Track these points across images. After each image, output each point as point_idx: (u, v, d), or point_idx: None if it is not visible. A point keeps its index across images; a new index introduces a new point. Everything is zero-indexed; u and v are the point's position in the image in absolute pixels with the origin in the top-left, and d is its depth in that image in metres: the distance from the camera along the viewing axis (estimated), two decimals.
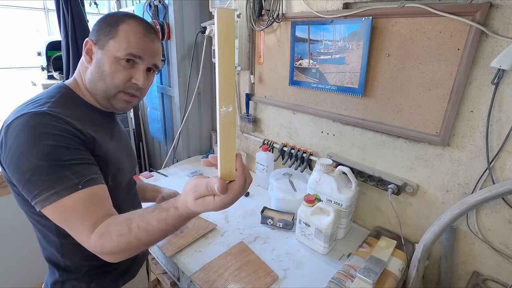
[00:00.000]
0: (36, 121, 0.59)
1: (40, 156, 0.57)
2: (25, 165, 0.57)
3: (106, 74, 0.71)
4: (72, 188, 0.58)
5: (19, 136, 0.58)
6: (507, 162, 0.89)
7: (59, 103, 0.67)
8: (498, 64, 0.81)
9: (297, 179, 1.39)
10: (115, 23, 0.70)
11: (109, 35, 0.70)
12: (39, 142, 0.57)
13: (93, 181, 0.61)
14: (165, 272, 1.31)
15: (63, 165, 0.58)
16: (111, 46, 0.70)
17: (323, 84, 1.24)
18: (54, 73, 1.95)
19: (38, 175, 0.57)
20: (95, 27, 0.74)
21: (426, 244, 0.96)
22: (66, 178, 0.58)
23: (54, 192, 0.57)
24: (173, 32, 1.60)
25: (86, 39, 0.73)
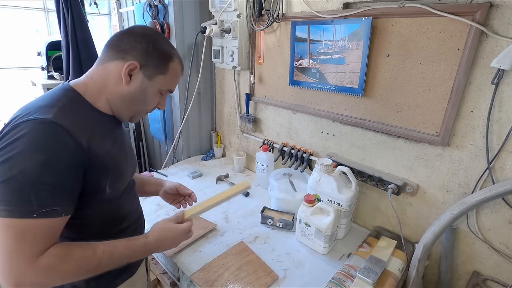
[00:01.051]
0: (39, 132, 0.59)
1: (22, 169, 0.56)
2: (4, 169, 0.57)
3: (145, 101, 0.77)
4: (25, 214, 0.57)
5: (18, 142, 0.58)
6: (507, 162, 0.89)
7: (65, 108, 0.66)
8: (498, 64, 0.81)
9: (297, 179, 1.39)
10: (166, 59, 0.74)
11: (160, 69, 0.74)
12: (30, 155, 0.57)
13: (50, 214, 0.59)
14: (165, 272, 1.31)
15: (34, 187, 0.57)
16: (160, 79, 0.75)
17: (323, 84, 1.24)
18: (54, 73, 1.95)
19: (6, 184, 0.56)
20: (143, 51, 0.71)
21: (426, 244, 0.96)
22: (27, 201, 0.57)
23: (7, 209, 0.56)
24: (173, 32, 1.60)
25: (130, 62, 0.70)
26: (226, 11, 1.44)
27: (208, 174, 1.71)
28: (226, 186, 1.58)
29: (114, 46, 0.72)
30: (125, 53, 0.71)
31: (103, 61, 0.74)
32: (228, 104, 1.83)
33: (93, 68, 0.76)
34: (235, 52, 1.48)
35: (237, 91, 1.70)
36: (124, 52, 0.71)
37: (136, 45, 0.71)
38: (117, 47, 0.71)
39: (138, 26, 0.76)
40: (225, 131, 1.92)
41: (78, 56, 1.71)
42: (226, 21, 1.46)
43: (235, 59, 1.50)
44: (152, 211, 1.33)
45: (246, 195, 1.49)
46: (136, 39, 0.71)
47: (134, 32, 0.73)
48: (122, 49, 0.71)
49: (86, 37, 1.72)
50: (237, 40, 1.46)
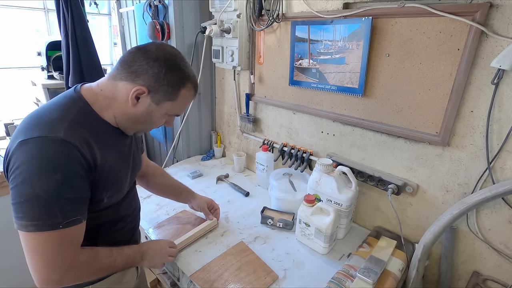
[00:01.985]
0: (51, 151, 0.61)
1: (43, 188, 0.60)
2: (26, 189, 0.60)
3: (151, 122, 0.78)
4: (53, 226, 0.62)
5: (32, 162, 0.60)
6: (507, 162, 0.89)
7: (75, 122, 0.67)
8: (498, 64, 0.81)
9: (297, 179, 1.39)
10: (177, 86, 0.73)
11: (169, 96, 0.73)
12: (49, 175, 0.61)
13: (73, 223, 0.65)
14: (165, 272, 1.31)
15: (58, 202, 0.62)
16: (168, 105, 0.75)
17: (323, 84, 1.24)
18: (54, 73, 1.95)
19: (31, 203, 0.60)
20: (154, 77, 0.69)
21: (426, 244, 0.96)
22: (53, 215, 0.62)
23: (35, 224, 0.61)
24: (173, 32, 1.60)
25: (139, 86, 0.69)
26: (226, 11, 1.44)
27: (208, 174, 1.71)
28: (226, 186, 1.58)
29: (127, 65, 0.71)
30: (136, 75, 0.70)
31: (114, 77, 0.73)
32: (228, 104, 1.83)
33: (104, 80, 0.75)
34: (235, 52, 1.48)
35: (237, 91, 1.70)
36: (135, 74, 0.70)
37: (148, 69, 0.69)
38: (129, 67, 0.70)
39: (154, 44, 0.73)
40: (225, 131, 1.92)
41: (78, 56, 1.71)
42: (226, 21, 1.46)
43: (235, 59, 1.50)
44: (152, 210, 1.33)
45: (246, 195, 1.49)
46: (149, 62, 0.69)
47: (148, 54, 0.70)
48: (133, 70, 0.70)
49: (86, 37, 1.71)
50: (237, 40, 1.46)
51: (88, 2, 1.96)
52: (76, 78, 1.71)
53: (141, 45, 0.73)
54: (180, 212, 1.32)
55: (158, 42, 0.77)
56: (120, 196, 0.82)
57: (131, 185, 0.90)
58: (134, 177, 0.93)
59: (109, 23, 2.51)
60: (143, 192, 1.35)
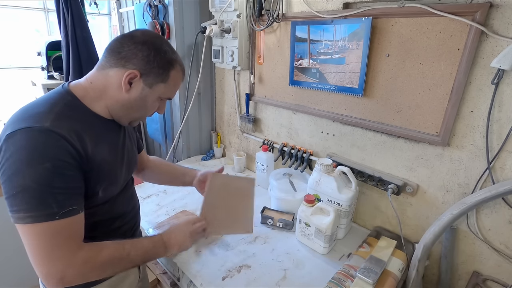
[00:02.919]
0: (39, 141, 0.61)
1: (34, 178, 0.60)
2: (17, 180, 0.60)
3: (145, 108, 0.78)
4: (49, 217, 0.61)
5: (20, 152, 0.60)
6: (507, 162, 0.89)
7: (62, 114, 0.66)
8: (498, 64, 0.81)
9: (297, 179, 1.39)
10: (167, 67, 0.74)
11: (161, 78, 0.74)
12: (38, 164, 0.60)
13: (70, 213, 0.64)
14: (165, 272, 1.31)
15: (50, 192, 0.61)
16: (160, 88, 0.76)
17: (323, 84, 1.24)
18: (54, 73, 1.95)
19: (24, 194, 0.60)
20: (144, 60, 0.70)
21: (426, 244, 0.96)
22: (47, 205, 0.61)
23: (31, 215, 0.60)
24: (173, 32, 1.60)
25: (130, 70, 0.70)
26: (226, 11, 1.44)
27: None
28: None
29: (115, 52, 0.71)
30: (126, 60, 0.70)
31: (103, 66, 0.73)
32: (228, 104, 1.83)
33: (93, 72, 0.75)
34: (235, 52, 1.48)
35: (237, 91, 1.70)
36: (125, 59, 0.70)
37: (137, 52, 0.70)
38: (117, 54, 0.70)
39: (139, 30, 0.75)
40: (225, 131, 1.92)
41: (78, 56, 1.71)
42: (226, 21, 1.46)
43: (235, 59, 1.50)
44: (152, 211, 1.33)
45: None
46: (137, 46, 0.70)
47: (135, 38, 0.71)
48: (123, 56, 0.70)
49: (86, 37, 1.72)
50: (237, 40, 1.46)
51: (88, 2, 1.96)
52: (76, 78, 1.69)
53: (126, 32, 0.74)
54: (180, 212, 1.32)
55: (141, 28, 0.77)
56: (115, 190, 0.81)
57: (127, 179, 0.89)
58: (131, 172, 0.92)
59: (109, 23, 2.51)
60: (143, 192, 1.35)
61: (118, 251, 0.73)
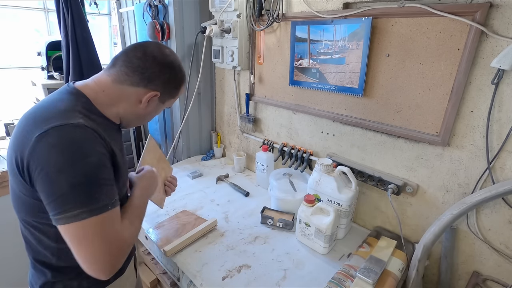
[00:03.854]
0: (77, 135, 0.61)
1: (82, 173, 0.60)
2: (65, 179, 0.59)
3: (153, 116, 0.86)
4: (103, 209, 0.62)
5: (61, 150, 0.59)
6: (507, 162, 0.89)
7: (84, 113, 0.67)
8: (498, 64, 0.81)
9: (297, 179, 1.39)
10: (179, 85, 0.81)
11: (173, 95, 0.82)
12: (84, 159, 0.60)
13: (116, 203, 0.66)
14: (165, 272, 1.31)
15: (98, 184, 0.62)
16: (169, 102, 0.84)
17: (323, 84, 1.24)
18: (54, 73, 1.95)
19: (75, 190, 0.59)
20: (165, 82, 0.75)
21: (426, 244, 0.96)
22: (99, 198, 0.62)
23: (86, 210, 0.60)
24: (173, 32, 1.60)
25: (154, 92, 0.75)
26: (226, 11, 1.44)
27: (208, 174, 1.71)
28: (226, 186, 1.58)
29: (138, 72, 0.72)
30: (149, 81, 0.73)
31: (120, 81, 0.72)
32: (228, 104, 1.83)
33: (105, 80, 0.73)
34: (235, 52, 1.48)
35: (237, 91, 1.70)
36: (148, 80, 0.73)
37: (161, 75, 0.74)
38: (141, 73, 0.72)
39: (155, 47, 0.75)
40: (225, 131, 1.92)
41: (78, 56, 1.71)
42: (226, 21, 1.46)
43: (235, 59, 1.50)
44: (152, 211, 1.33)
45: (246, 195, 1.49)
46: (162, 69, 0.74)
47: (158, 60, 0.73)
48: (146, 76, 0.73)
49: (86, 37, 1.71)
50: (237, 40, 1.46)
51: (88, 2, 1.96)
52: (76, 78, 1.71)
53: (144, 46, 0.74)
54: (180, 212, 1.32)
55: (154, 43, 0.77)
56: (124, 190, 0.82)
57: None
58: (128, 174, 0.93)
59: (109, 23, 2.51)
60: None
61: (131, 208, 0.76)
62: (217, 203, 1.42)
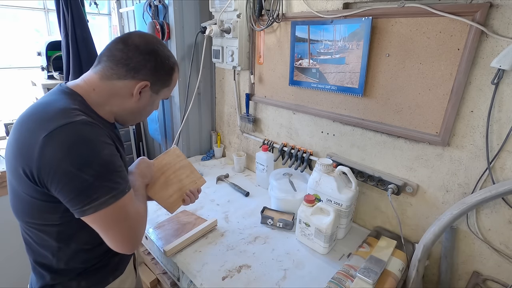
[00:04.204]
0: (86, 132, 0.63)
1: (100, 165, 0.63)
2: (86, 173, 0.61)
3: (150, 110, 0.84)
4: (123, 192, 0.67)
5: (75, 148, 0.60)
6: (507, 162, 0.89)
7: (83, 111, 0.67)
8: (498, 64, 0.81)
9: (297, 179, 1.39)
10: (171, 72, 0.79)
11: (166, 83, 0.80)
12: (98, 154, 0.63)
13: (130, 185, 0.71)
14: (165, 272, 1.31)
15: (116, 171, 0.66)
16: (164, 91, 0.81)
17: (323, 84, 1.24)
18: (54, 73, 1.95)
19: (98, 181, 0.62)
20: (152, 70, 0.73)
21: (426, 244, 0.96)
22: (118, 183, 0.66)
23: (113, 194, 0.64)
24: (173, 32, 1.60)
25: (143, 82, 0.72)
26: (226, 11, 1.44)
27: (208, 174, 1.71)
28: (226, 186, 1.58)
29: (122, 64, 0.70)
30: (135, 72, 0.71)
31: (107, 76, 0.71)
32: (228, 104, 1.83)
33: (93, 79, 0.73)
34: (235, 52, 1.48)
35: (237, 91, 1.70)
36: (134, 71, 0.71)
37: (146, 63, 0.72)
38: (126, 65, 0.70)
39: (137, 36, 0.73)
40: (225, 131, 1.92)
41: (78, 56, 1.71)
42: (226, 21, 1.46)
43: (235, 59, 1.50)
44: (152, 211, 1.33)
45: (246, 195, 1.49)
46: (145, 57, 0.72)
47: (141, 48, 0.71)
48: (131, 68, 0.71)
49: (86, 37, 1.72)
50: (237, 40, 1.46)
51: (88, 2, 1.96)
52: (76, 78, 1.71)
53: (124, 38, 0.73)
54: (180, 212, 1.32)
55: (136, 32, 0.76)
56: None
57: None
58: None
59: (109, 23, 2.51)
60: None
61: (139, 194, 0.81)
62: (217, 203, 1.42)
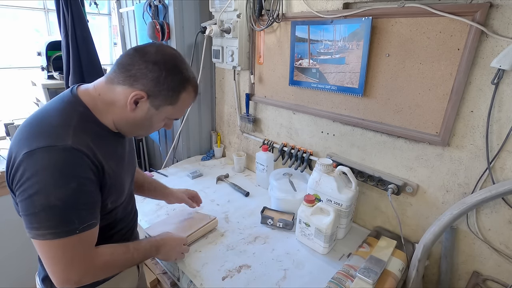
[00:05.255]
0: (63, 160, 0.61)
1: (59, 197, 0.60)
2: (40, 200, 0.59)
3: (151, 126, 0.77)
4: (70, 232, 0.62)
5: (44, 173, 0.59)
6: (507, 162, 0.89)
7: (79, 128, 0.65)
8: (498, 64, 0.81)
9: (297, 179, 1.39)
10: (178, 89, 0.71)
11: (170, 101, 0.71)
12: (64, 185, 0.60)
13: (89, 227, 0.66)
14: (165, 272, 1.31)
15: (74, 209, 0.62)
16: (168, 110, 0.73)
17: (323, 84, 1.24)
18: (54, 73, 1.95)
19: (47, 212, 0.60)
20: (154, 81, 0.67)
21: (426, 244, 0.96)
22: (70, 222, 0.62)
23: (53, 232, 0.61)
24: (173, 32, 1.60)
25: (137, 91, 0.67)
26: (226, 11, 1.44)
27: (208, 174, 1.71)
28: (226, 186, 1.58)
29: (124, 69, 0.68)
30: (135, 79, 0.67)
31: (112, 80, 0.70)
32: (228, 104, 1.83)
33: (102, 83, 0.72)
34: (235, 52, 1.48)
35: (237, 91, 1.70)
36: (134, 78, 0.67)
37: (147, 73, 0.67)
38: (127, 71, 0.67)
39: (154, 46, 0.70)
40: (225, 131, 1.92)
41: (78, 56, 1.71)
42: (226, 21, 1.46)
43: (235, 59, 1.50)
44: (152, 211, 1.33)
45: (246, 195, 1.49)
46: (148, 66, 0.67)
47: (147, 56, 0.67)
48: (132, 74, 0.67)
49: (86, 37, 1.71)
50: (237, 40, 1.46)
51: (88, 2, 1.96)
52: (76, 78, 1.71)
53: (139, 46, 0.70)
54: (180, 212, 1.32)
55: (157, 43, 0.74)
56: (121, 200, 0.82)
57: (131, 188, 0.90)
58: (133, 178, 0.93)
59: (109, 23, 2.51)
60: None
61: (125, 254, 0.78)
62: (217, 203, 1.42)
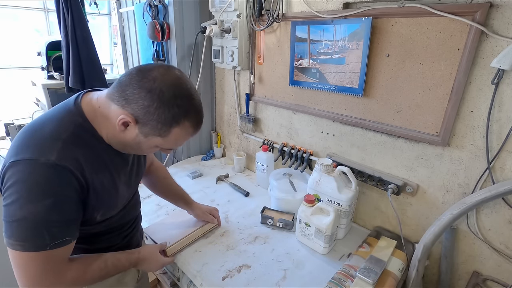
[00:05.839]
0: (43, 176, 0.60)
1: (32, 212, 0.59)
2: (15, 210, 0.60)
3: (141, 150, 0.73)
4: (39, 248, 0.61)
5: (21, 185, 0.59)
6: (507, 162, 0.89)
7: (69, 141, 0.64)
8: (498, 64, 0.81)
9: (297, 179, 1.39)
10: (169, 124, 0.65)
11: (158, 132, 0.67)
12: (38, 201, 0.60)
13: (62, 244, 0.64)
14: (165, 272, 1.31)
15: (45, 225, 0.61)
16: (157, 140, 0.69)
17: (323, 84, 1.24)
18: (54, 73, 1.95)
19: (19, 224, 0.60)
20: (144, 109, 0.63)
21: (426, 244, 0.96)
22: (40, 237, 0.61)
23: (22, 244, 0.60)
24: (173, 32, 1.60)
25: (124, 116, 0.63)
26: (226, 11, 1.44)
27: (208, 174, 1.71)
28: (226, 186, 1.58)
29: (121, 88, 0.64)
30: (126, 102, 0.64)
31: (110, 96, 0.67)
32: (228, 104, 1.83)
33: (103, 96, 0.69)
34: (235, 52, 1.48)
35: (237, 91, 1.70)
36: (126, 100, 0.64)
37: (139, 99, 0.63)
38: (122, 91, 0.64)
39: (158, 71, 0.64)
40: (225, 131, 1.92)
41: (78, 56, 1.70)
42: (226, 21, 1.46)
43: (235, 59, 1.50)
44: (152, 211, 1.33)
45: (246, 195, 1.49)
46: (141, 92, 0.62)
47: (144, 82, 0.63)
48: (125, 96, 0.64)
49: (86, 37, 1.71)
50: (237, 40, 1.46)
51: (88, 2, 1.96)
52: (76, 78, 1.71)
53: (144, 66, 0.66)
54: (179, 211, 1.32)
55: (165, 66, 0.67)
56: (114, 213, 0.80)
57: (129, 198, 0.87)
58: (135, 188, 0.91)
59: (109, 23, 2.51)
60: (144, 192, 1.35)
61: (100, 271, 0.75)
62: (217, 203, 1.42)
